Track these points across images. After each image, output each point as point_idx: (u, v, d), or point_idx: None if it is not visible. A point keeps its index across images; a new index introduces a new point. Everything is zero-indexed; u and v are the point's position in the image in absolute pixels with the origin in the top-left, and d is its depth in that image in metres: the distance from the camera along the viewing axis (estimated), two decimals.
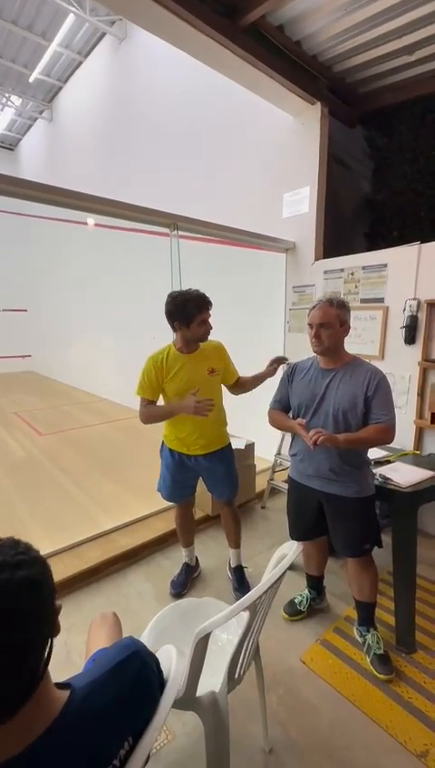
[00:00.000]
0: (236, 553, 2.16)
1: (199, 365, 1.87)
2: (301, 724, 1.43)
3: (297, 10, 2.40)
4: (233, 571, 2.16)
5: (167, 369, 1.82)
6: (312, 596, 1.96)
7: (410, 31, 2.47)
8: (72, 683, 0.59)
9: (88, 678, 0.60)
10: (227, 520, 2.12)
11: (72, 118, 7.33)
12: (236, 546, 2.15)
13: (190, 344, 1.86)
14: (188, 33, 2.33)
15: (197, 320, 1.76)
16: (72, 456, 4.29)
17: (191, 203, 4.20)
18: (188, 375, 1.83)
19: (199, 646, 0.97)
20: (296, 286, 3.35)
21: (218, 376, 1.94)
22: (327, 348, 1.57)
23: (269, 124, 3.34)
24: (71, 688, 0.57)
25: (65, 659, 1.63)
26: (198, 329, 1.78)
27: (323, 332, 1.54)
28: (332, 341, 1.55)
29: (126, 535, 2.50)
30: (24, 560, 0.51)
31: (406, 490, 1.74)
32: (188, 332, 1.79)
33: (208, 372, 1.89)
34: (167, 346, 1.89)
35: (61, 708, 0.54)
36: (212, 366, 1.90)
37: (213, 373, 1.90)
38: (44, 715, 0.52)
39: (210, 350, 1.92)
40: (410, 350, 2.58)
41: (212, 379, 1.91)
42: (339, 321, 1.54)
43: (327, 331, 1.54)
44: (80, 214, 2.22)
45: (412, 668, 1.64)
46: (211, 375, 1.90)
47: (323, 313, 1.54)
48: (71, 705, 0.55)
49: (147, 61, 5.04)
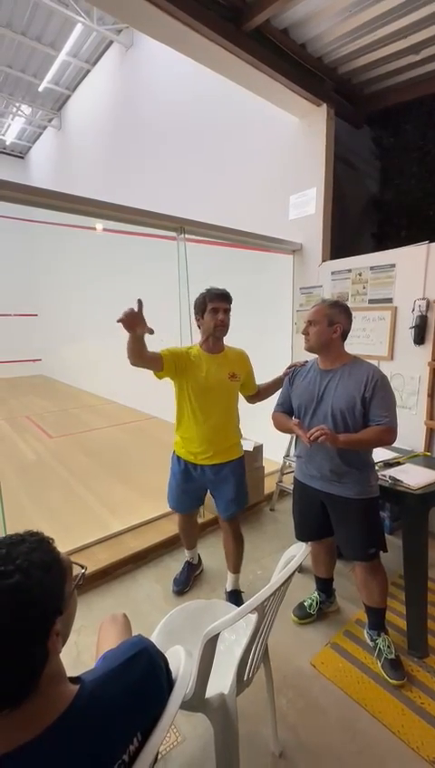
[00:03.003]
0: (235, 578, 2.02)
1: (222, 367, 1.86)
2: (311, 728, 1.41)
3: (302, 13, 2.41)
4: (228, 595, 2.00)
5: (190, 360, 1.82)
6: (321, 599, 1.94)
7: (415, 30, 2.46)
8: (83, 677, 0.60)
9: (97, 674, 0.61)
10: (228, 539, 1.98)
11: (81, 125, 7.45)
12: (235, 571, 2.01)
13: (213, 344, 1.86)
14: (193, 38, 2.35)
15: (208, 308, 1.79)
16: (82, 458, 4.33)
17: (198, 206, 4.24)
18: (209, 374, 1.82)
19: (208, 647, 0.97)
20: (304, 288, 3.35)
21: (238, 382, 1.92)
22: (314, 344, 1.58)
23: (275, 126, 3.36)
24: (81, 683, 0.58)
25: (75, 659, 1.64)
26: (210, 319, 1.80)
27: (310, 329, 1.57)
28: (318, 339, 1.56)
29: (135, 537, 2.52)
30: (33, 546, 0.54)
31: (417, 492, 1.72)
32: (202, 323, 1.83)
33: (229, 377, 1.87)
34: (190, 345, 1.92)
35: (70, 701, 0.55)
36: (234, 371, 1.88)
37: (234, 378, 1.88)
38: (53, 707, 0.54)
39: (234, 355, 1.93)
40: (419, 350, 2.56)
41: (232, 385, 1.89)
42: (328, 320, 1.55)
43: (314, 327, 1.56)
44: (89, 219, 2.26)
45: (425, 673, 1.61)
46: (232, 380, 1.88)
47: (314, 311, 1.57)
48: (80, 699, 0.56)
49: (153, 67, 5.10)
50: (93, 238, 6.40)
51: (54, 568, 0.55)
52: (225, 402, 1.90)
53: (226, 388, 1.87)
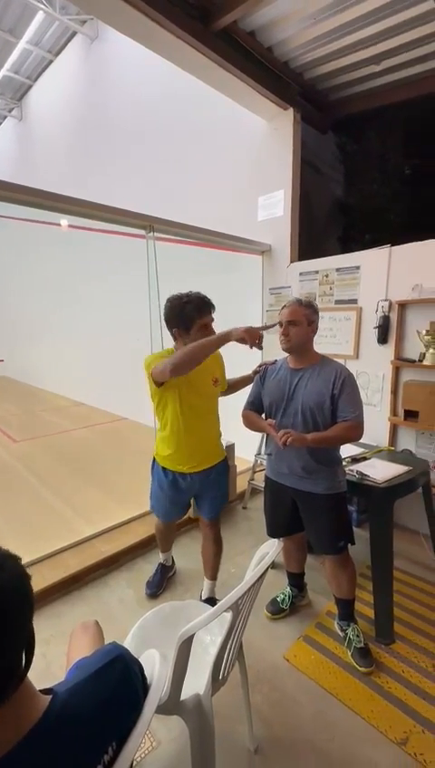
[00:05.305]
0: (212, 585, 1.99)
1: (204, 373, 1.73)
2: (285, 721, 1.44)
3: (268, 17, 2.45)
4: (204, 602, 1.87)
5: None
6: (294, 593, 1.98)
7: (376, 42, 2.56)
8: (55, 689, 0.58)
9: (71, 683, 0.59)
10: (208, 544, 1.95)
11: (43, 117, 7.18)
12: (213, 578, 1.98)
13: None
14: (159, 34, 2.33)
15: (197, 324, 1.62)
16: (50, 462, 4.18)
17: (167, 205, 4.19)
18: (195, 384, 1.69)
19: (183, 648, 0.97)
20: (273, 288, 3.40)
21: (220, 386, 1.86)
22: (294, 345, 1.61)
23: (244, 128, 3.38)
24: (53, 694, 0.56)
25: (45, 671, 1.59)
26: (199, 335, 1.61)
27: (291, 329, 1.59)
28: (298, 339, 1.60)
29: (107, 541, 2.46)
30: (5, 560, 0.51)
31: (382, 485, 1.79)
32: (188, 339, 1.61)
33: (213, 382, 1.80)
34: (166, 350, 1.75)
35: (41, 714, 0.53)
36: (216, 375, 1.82)
37: (217, 383, 1.82)
38: (24, 720, 0.52)
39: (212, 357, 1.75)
40: (383, 349, 2.66)
41: (215, 390, 1.83)
42: (307, 320, 1.59)
43: (295, 328, 1.58)
44: (53, 214, 2.18)
45: (392, 659, 1.68)
46: (215, 385, 1.82)
47: (293, 311, 1.59)
48: (51, 711, 0.54)
49: (120, 61, 5.00)
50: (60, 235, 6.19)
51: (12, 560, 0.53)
52: (212, 410, 1.86)
53: (211, 396, 1.83)
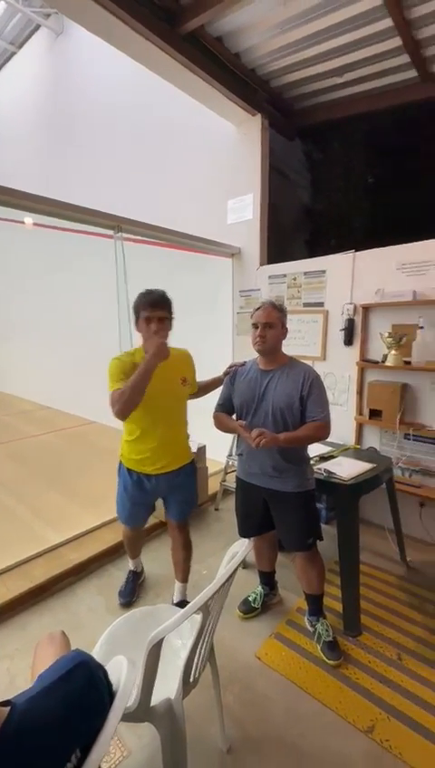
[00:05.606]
0: (183, 588, 1.99)
1: (172, 373, 1.74)
2: (257, 719, 1.45)
3: (235, 24, 2.48)
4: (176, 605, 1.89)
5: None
6: (265, 592, 2.01)
7: (338, 54, 2.65)
8: (13, 700, 0.55)
9: (30, 693, 0.57)
10: (178, 547, 1.96)
11: (5, 111, 6.90)
12: (184, 581, 1.99)
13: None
14: (125, 33, 2.31)
15: (141, 317, 1.66)
16: (13, 468, 4.00)
17: (136, 205, 4.15)
18: (160, 382, 1.64)
19: (152, 653, 0.95)
20: (243, 290, 3.44)
21: (189, 386, 1.85)
22: (269, 347, 1.64)
23: (213, 131, 3.40)
24: (11, 705, 0.54)
25: (9, 686, 1.52)
26: (143, 328, 1.67)
27: (268, 332, 1.61)
28: (274, 341, 1.63)
29: (74, 549, 2.39)
30: None
31: (348, 482, 1.85)
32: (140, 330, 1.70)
33: (181, 382, 1.79)
34: (134, 350, 1.76)
35: None
36: (184, 375, 1.81)
37: (185, 383, 1.81)
38: None
39: (180, 356, 1.83)
40: (348, 351, 2.76)
41: (183, 390, 1.82)
42: (281, 323, 1.64)
43: (272, 330, 1.62)
44: (15, 211, 2.10)
45: (359, 650, 1.74)
46: (184, 385, 1.81)
47: (268, 314, 1.62)
48: (9, 724, 0.52)
49: (86, 58, 4.90)
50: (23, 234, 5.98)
51: None
52: (179, 409, 1.84)
53: (179, 397, 1.82)
